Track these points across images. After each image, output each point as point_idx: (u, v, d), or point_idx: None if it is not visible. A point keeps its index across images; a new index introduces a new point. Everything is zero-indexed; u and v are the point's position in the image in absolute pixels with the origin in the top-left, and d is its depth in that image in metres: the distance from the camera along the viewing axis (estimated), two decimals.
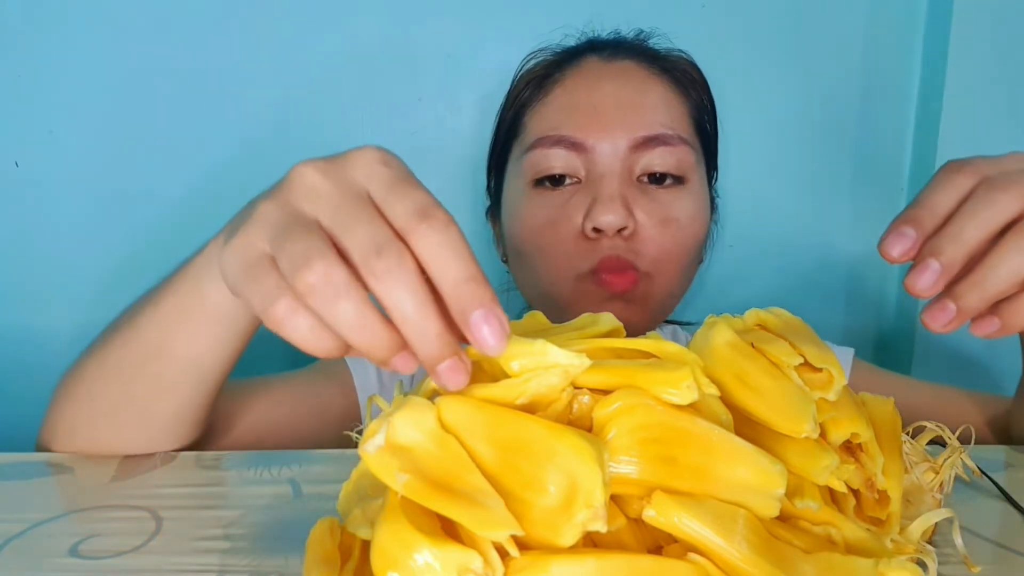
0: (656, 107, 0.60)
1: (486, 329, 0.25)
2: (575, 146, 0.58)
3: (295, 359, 0.58)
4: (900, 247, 0.32)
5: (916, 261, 0.32)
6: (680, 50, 0.67)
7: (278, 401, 0.53)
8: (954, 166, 0.34)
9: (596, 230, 0.56)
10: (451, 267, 0.26)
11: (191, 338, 0.40)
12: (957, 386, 0.60)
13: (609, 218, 0.55)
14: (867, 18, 0.78)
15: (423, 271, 0.27)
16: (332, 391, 0.58)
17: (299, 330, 0.27)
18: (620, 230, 0.56)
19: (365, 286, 0.27)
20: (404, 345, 0.27)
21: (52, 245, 0.78)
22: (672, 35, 0.68)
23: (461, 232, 0.27)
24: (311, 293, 0.26)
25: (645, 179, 0.59)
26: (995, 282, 0.31)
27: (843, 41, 0.78)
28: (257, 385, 0.53)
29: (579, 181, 0.59)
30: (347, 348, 0.28)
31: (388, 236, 0.27)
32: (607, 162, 0.58)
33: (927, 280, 0.31)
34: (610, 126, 0.58)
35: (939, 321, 0.32)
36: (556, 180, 0.59)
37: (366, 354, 0.27)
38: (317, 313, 0.27)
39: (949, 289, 0.32)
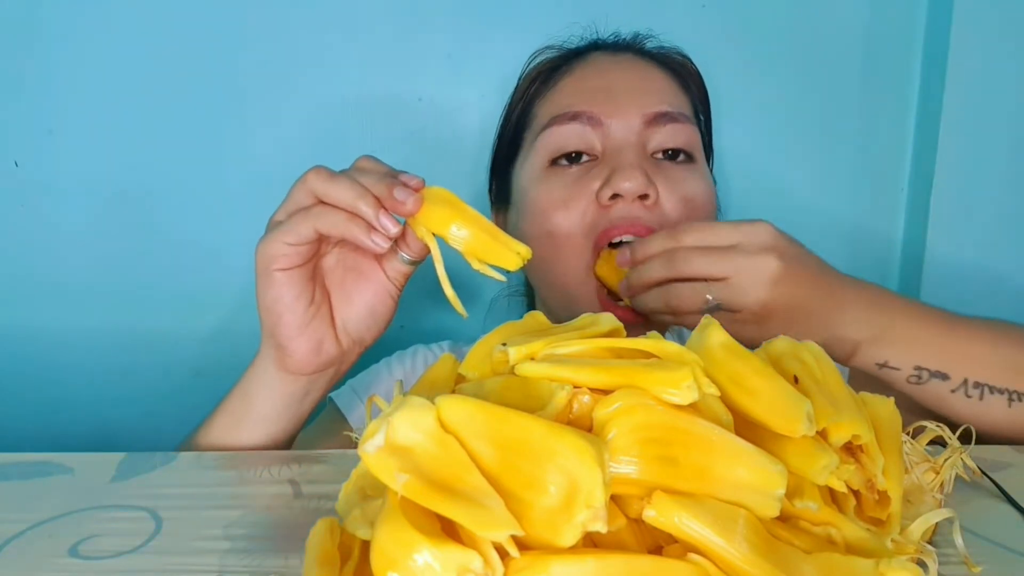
0: (663, 89, 0.62)
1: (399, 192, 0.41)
2: (591, 120, 0.59)
3: None
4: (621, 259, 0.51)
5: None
6: (675, 47, 0.68)
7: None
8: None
9: (615, 196, 0.56)
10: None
11: (246, 436, 0.47)
12: None
13: (629, 184, 0.55)
14: (867, 18, 0.78)
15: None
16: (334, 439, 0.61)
17: (334, 219, 0.42)
18: (642, 197, 0.56)
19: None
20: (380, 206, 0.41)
21: (52, 245, 0.78)
22: (672, 35, 0.68)
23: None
24: (321, 187, 0.42)
25: (659, 155, 0.59)
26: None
27: (843, 41, 0.78)
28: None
29: (595, 158, 0.59)
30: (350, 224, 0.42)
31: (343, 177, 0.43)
32: (623, 136, 0.58)
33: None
34: (622, 104, 0.59)
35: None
36: (572, 158, 0.59)
37: (367, 211, 0.41)
38: (332, 199, 0.42)
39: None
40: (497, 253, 0.41)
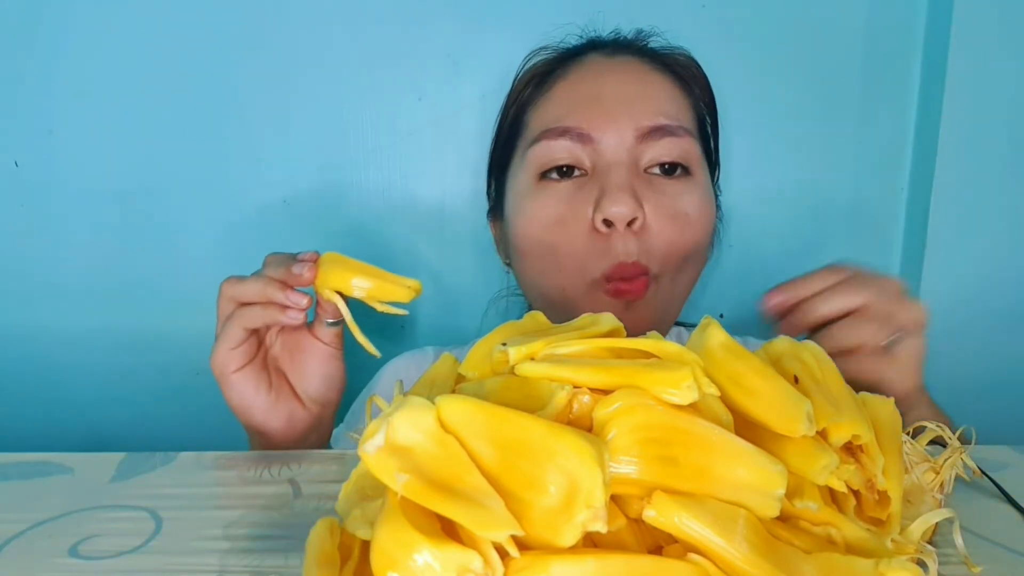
0: (660, 99, 0.59)
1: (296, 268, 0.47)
2: (581, 137, 0.57)
3: None
4: (776, 300, 0.49)
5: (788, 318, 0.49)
6: (681, 48, 0.67)
7: None
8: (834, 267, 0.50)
9: (607, 222, 0.55)
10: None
11: None
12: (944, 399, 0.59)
13: (619, 209, 0.54)
14: (867, 18, 0.78)
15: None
16: None
17: (252, 313, 0.48)
18: (630, 222, 0.55)
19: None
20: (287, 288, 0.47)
21: (52, 245, 0.78)
22: (672, 34, 0.68)
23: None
24: (235, 291, 0.49)
25: (653, 170, 0.58)
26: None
27: (843, 41, 0.78)
28: None
29: (585, 173, 0.58)
30: (270, 313, 0.48)
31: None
32: (614, 152, 0.57)
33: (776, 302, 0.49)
34: (615, 116, 0.57)
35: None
36: (562, 172, 0.58)
37: (276, 295, 0.47)
38: (247, 297, 0.49)
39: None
40: (392, 292, 0.47)
